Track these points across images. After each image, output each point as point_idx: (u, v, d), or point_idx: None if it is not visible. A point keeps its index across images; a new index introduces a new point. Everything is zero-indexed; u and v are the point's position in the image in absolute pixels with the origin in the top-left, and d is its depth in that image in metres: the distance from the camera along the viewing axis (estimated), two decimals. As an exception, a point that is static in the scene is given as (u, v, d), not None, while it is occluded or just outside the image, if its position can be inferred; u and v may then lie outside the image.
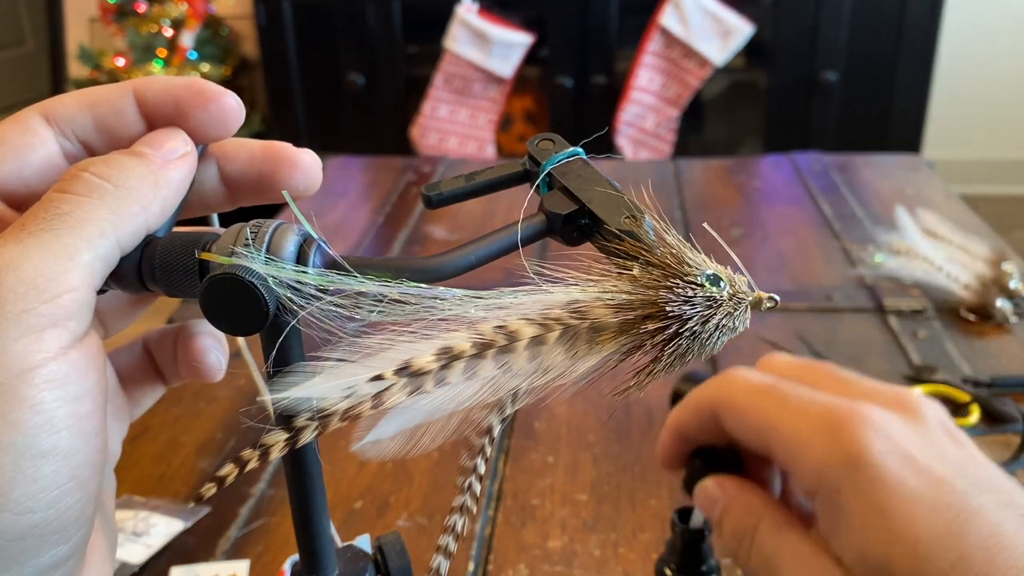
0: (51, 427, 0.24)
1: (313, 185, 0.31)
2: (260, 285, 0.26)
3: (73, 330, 0.25)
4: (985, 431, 0.72)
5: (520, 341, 0.26)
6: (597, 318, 0.26)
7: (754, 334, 0.88)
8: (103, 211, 0.26)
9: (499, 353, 0.26)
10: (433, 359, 0.25)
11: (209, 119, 0.30)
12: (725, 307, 0.26)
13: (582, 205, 0.29)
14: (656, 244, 0.27)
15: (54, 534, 0.24)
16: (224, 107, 0.30)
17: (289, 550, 0.61)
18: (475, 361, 0.25)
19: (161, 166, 0.28)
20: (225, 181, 0.32)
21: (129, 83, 0.30)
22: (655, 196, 0.28)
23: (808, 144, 2.57)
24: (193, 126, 0.30)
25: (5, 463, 0.23)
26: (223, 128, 0.30)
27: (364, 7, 2.78)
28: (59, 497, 0.24)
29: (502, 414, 0.27)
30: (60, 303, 0.24)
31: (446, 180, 0.31)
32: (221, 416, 0.79)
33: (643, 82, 2.64)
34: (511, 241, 0.28)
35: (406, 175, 1.44)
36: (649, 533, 0.63)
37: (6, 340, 0.23)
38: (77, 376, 0.24)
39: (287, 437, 0.25)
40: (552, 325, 0.26)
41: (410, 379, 0.25)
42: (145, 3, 2.83)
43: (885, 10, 2.66)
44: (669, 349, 0.26)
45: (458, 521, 0.29)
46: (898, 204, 1.05)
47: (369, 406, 0.25)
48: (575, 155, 0.30)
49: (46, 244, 0.25)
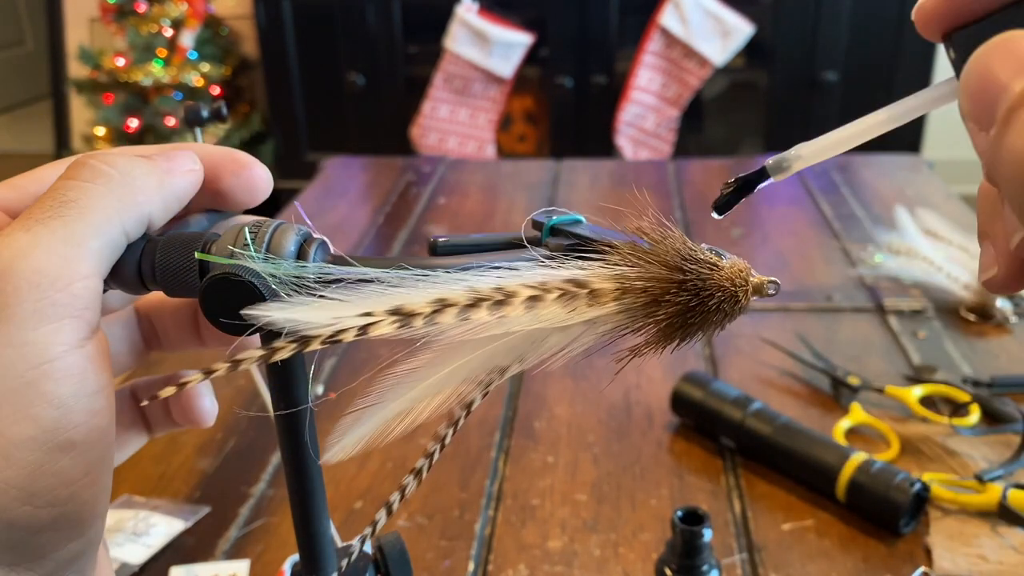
0: (69, 422, 0.24)
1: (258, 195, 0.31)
2: (260, 284, 0.26)
3: (89, 321, 0.25)
4: (985, 431, 0.72)
5: (517, 297, 0.26)
6: (596, 286, 0.26)
7: (754, 334, 0.88)
8: (109, 198, 0.26)
9: (494, 306, 0.25)
10: (426, 304, 0.25)
11: (239, 185, 0.31)
12: (725, 272, 0.26)
13: (583, 238, 0.28)
14: (659, 237, 0.27)
15: (72, 528, 0.25)
16: (254, 176, 0.31)
17: (289, 550, 0.61)
18: (469, 311, 0.25)
19: (166, 172, 0.28)
20: None
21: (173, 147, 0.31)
22: (655, 196, 0.28)
23: (808, 144, 2.56)
24: (223, 188, 0.30)
25: (27, 458, 0.23)
26: (250, 196, 0.31)
27: (364, 7, 2.78)
28: (77, 492, 0.24)
29: (486, 388, 0.27)
30: (73, 291, 0.24)
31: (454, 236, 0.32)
32: (221, 416, 0.79)
33: (643, 82, 2.64)
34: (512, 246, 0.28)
35: (406, 175, 1.44)
36: (649, 533, 0.63)
37: (25, 330, 0.23)
38: (94, 370, 0.24)
39: (262, 353, 0.25)
40: (551, 289, 0.26)
41: (400, 318, 0.25)
42: (145, 3, 2.83)
43: (885, 10, 2.65)
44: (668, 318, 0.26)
45: (411, 481, 0.28)
46: (898, 204, 1.05)
47: (354, 334, 0.25)
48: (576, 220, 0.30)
49: (55, 231, 0.24)
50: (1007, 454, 0.69)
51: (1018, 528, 0.61)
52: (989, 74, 0.21)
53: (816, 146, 0.25)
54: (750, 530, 0.63)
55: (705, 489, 0.68)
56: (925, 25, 0.25)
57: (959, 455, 0.69)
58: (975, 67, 0.22)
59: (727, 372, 0.83)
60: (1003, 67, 0.21)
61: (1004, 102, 0.21)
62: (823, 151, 0.25)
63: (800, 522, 0.64)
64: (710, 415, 0.72)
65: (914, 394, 0.75)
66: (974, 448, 0.70)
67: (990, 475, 0.64)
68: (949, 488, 0.64)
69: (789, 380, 0.82)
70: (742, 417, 0.70)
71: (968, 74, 0.22)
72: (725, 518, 0.65)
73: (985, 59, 0.22)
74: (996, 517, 0.62)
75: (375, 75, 2.85)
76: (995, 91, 0.21)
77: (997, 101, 0.21)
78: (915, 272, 0.96)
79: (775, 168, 0.25)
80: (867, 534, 0.63)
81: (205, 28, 2.91)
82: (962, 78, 0.22)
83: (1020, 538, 0.61)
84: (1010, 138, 0.20)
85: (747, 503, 0.66)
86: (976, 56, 0.22)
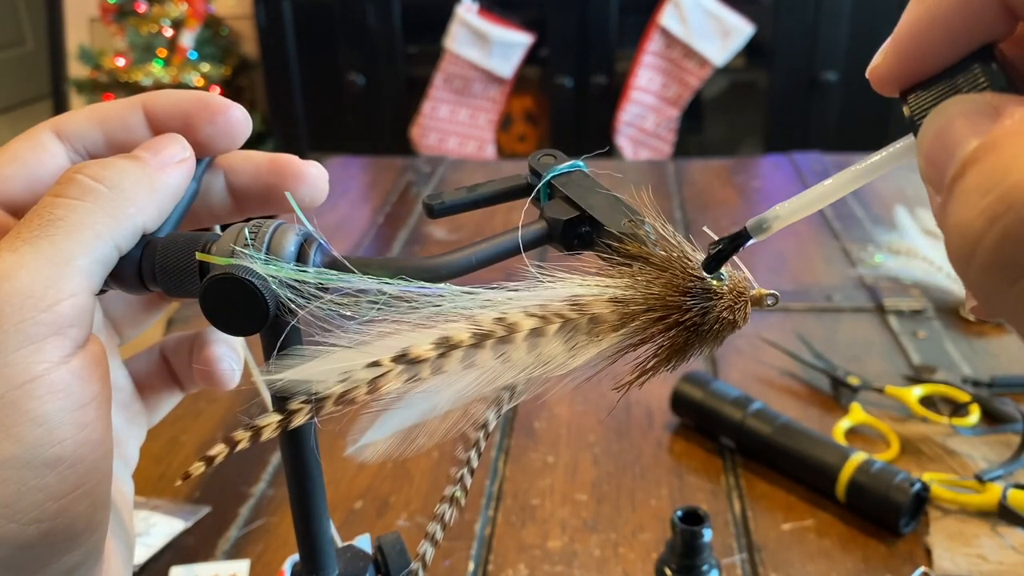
0: (54, 438, 0.24)
1: (319, 197, 0.32)
2: (260, 285, 0.26)
3: (75, 337, 0.24)
4: (985, 431, 0.72)
5: (519, 332, 0.26)
6: (596, 311, 0.26)
7: (754, 334, 0.88)
8: (98, 214, 0.26)
9: (498, 343, 0.26)
10: (431, 347, 0.25)
11: (216, 132, 0.30)
12: (725, 299, 0.26)
13: (582, 211, 0.29)
14: (657, 243, 0.27)
15: (64, 541, 0.24)
16: (231, 120, 0.30)
17: (289, 550, 0.61)
18: (473, 351, 0.25)
19: (157, 169, 0.28)
20: (232, 192, 0.32)
21: (138, 98, 0.30)
22: (655, 196, 0.28)
23: (808, 144, 2.57)
24: (201, 139, 0.30)
25: (9, 476, 0.23)
26: (230, 140, 0.30)
27: (364, 7, 2.78)
28: (67, 505, 0.24)
29: (499, 409, 0.27)
30: (59, 310, 0.24)
31: (449, 191, 0.32)
32: (221, 416, 0.79)
33: (643, 82, 2.64)
34: (512, 245, 0.28)
35: (406, 175, 1.44)
36: (649, 533, 0.63)
37: (5, 352, 0.23)
38: (80, 384, 0.24)
39: (280, 419, 0.25)
40: (551, 318, 0.26)
41: (407, 366, 0.25)
42: (145, 3, 2.83)
43: (885, 10, 2.65)
44: (668, 341, 0.26)
45: (447, 511, 0.29)
46: (898, 204, 1.05)
47: (365, 391, 0.25)
48: (576, 168, 0.30)
49: (42, 251, 0.24)
50: (1007, 454, 0.69)
51: (1018, 528, 0.61)
52: (939, 140, 0.21)
53: (793, 206, 0.26)
54: (750, 530, 0.63)
55: (705, 489, 0.68)
56: (880, 86, 0.24)
57: (959, 455, 0.69)
58: (927, 132, 0.22)
59: (727, 372, 0.83)
60: (951, 135, 0.21)
61: (950, 169, 0.20)
62: (799, 210, 0.26)
63: (800, 522, 0.64)
64: (710, 415, 0.72)
65: (914, 394, 0.75)
66: (974, 448, 0.70)
67: (990, 475, 0.64)
68: (949, 488, 0.64)
69: (789, 380, 0.82)
70: (742, 417, 0.70)
71: (922, 138, 0.22)
72: (725, 518, 0.65)
73: (935, 125, 0.21)
74: (996, 517, 0.62)
75: (375, 75, 2.85)
76: (944, 158, 0.21)
77: (946, 168, 0.21)
78: (915, 272, 0.96)
79: (755, 228, 0.26)
80: (867, 534, 0.63)
81: (205, 28, 2.91)
82: (918, 141, 0.22)
83: (1020, 538, 0.61)
84: (952, 207, 0.20)
85: (747, 503, 0.66)
86: (927, 122, 0.22)
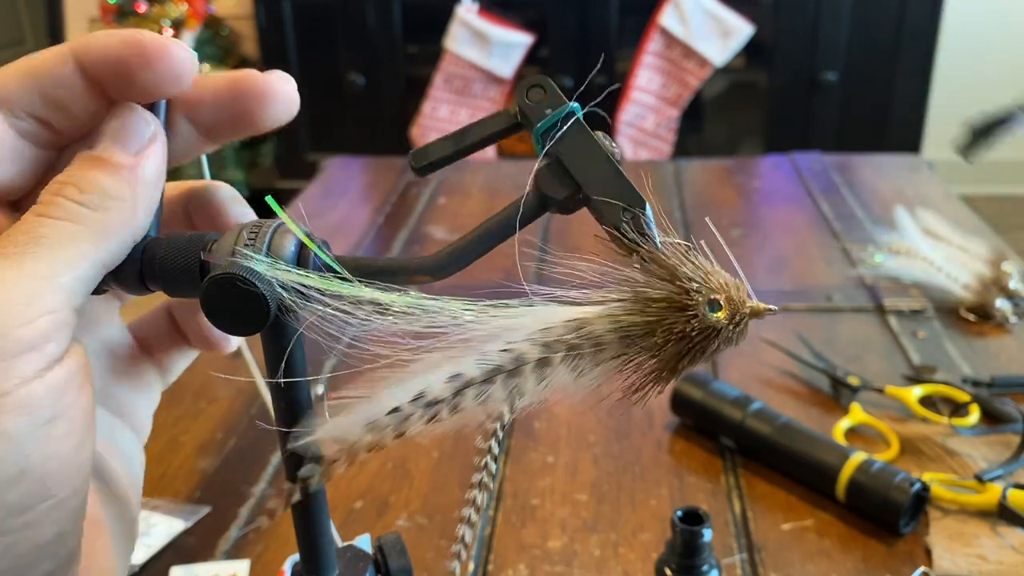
0: (21, 453, 0.23)
1: (290, 111, 0.29)
2: (260, 285, 0.26)
3: (51, 352, 0.24)
4: (985, 431, 0.72)
5: (526, 364, 0.27)
6: (600, 337, 0.27)
7: (754, 334, 0.88)
8: (84, 233, 0.25)
9: (507, 378, 0.27)
10: (447, 387, 0.26)
11: (158, 77, 0.27)
12: (725, 332, 0.27)
13: (579, 188, 0.28)
14: (654, 256, 0.27)
15: (34, 553, 0.24)
16: (172, 62, 0.27)
17: (289, 550, 0.61)
18: (486, 387, 0.27)
19: (133, 168, 0.27)
20: (197, 127, 0.29)
21: (67, 47, 0.27)
22: (655, 196, 0.28)
23: (808, 144, 2.57)
24: (143, 87, 0.27)
25: None
26: (175, 84, 0.27)
27: (364, 7, 2.78)
28: (34, 519, 0.24)
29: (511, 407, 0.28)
30: (37, 326, 0.24)
31: (432, 144, 0.29)
32: (221, 416, 0.79)
33: (643, 82, 2.64)
34: (510, 224, 0.29)
35: (406, 175, 1.44)
36: (649, 533, 0.63)
37: None
38: (51, 398, 0.24)
39: (322, 470, 0.27)
40: (556, 346, 0.27)
41: (425, 409, 0.26)
42: (145, 3, 2.83)
43: (885, 10, 2.66)
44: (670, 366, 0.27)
45: (478, 495, 0.30)
46: (898, 204, 1.05)
47: (392, 437, 0.26)
48: (569, 112, 0.28)
49: (23, 267, 0.24)
50: (1007, 454, 0.69)
51: (1018, 528, 0.61)
52: None
53: None
54: (750, 530, 0.63)
55: (705, 489, 0.68)
56: None
57: (959, 455, 0.70)
58: None
59: (727, 372, 0.83)
60: None
61: None
62: None
63: (800, 522, 0.64)
64: (710, 415, 0.72)
65: (914, 394, 0.75)
66: (974, 448, 0.70)
67: (990, 475, 0.64)
68: (949, 488, 0.64)
69: (789, 380, 0.82)
70: (742, 417, 0.70)
71: None
72: (725, 518, 0.65)
73: None
74: (996, 517, 0.62)
75: (375, 75, 2.85)
76: None
77: None
78: (915, 272, 0.96)
79: None
80: (867, 534, 0.63)
81: (205, 28, 2.91)
82: None
83: (1020, 538, 0.61)
84: None
85: (747, 503, 0.66)
86: None
